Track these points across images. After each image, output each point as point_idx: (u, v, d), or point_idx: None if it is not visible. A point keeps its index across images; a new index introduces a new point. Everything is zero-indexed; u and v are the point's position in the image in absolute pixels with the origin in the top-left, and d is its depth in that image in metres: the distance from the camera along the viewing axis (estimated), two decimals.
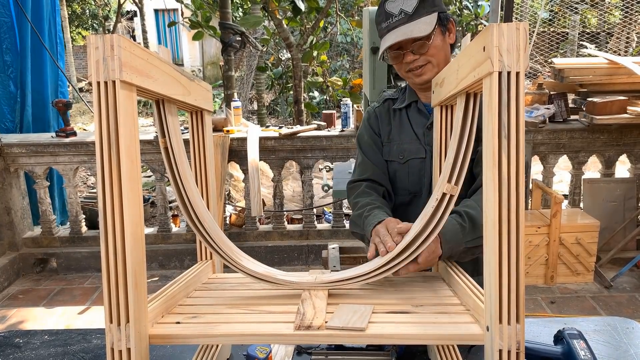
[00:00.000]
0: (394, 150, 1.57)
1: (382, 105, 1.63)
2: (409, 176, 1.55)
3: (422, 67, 1.44)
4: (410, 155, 1.54)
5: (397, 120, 1.58)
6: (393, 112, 1.60)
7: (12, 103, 4.10)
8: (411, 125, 1.56)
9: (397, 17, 1.40)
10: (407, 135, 1.55)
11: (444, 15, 1.44)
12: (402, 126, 1.57)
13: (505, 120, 0.84)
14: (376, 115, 1.62)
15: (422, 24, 1.38)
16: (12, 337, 1.56)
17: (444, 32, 1.45)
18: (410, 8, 1.39)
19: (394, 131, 1.58)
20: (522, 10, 7.96)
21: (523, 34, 0.83)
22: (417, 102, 1.56)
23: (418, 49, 1.41)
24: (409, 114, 1.57)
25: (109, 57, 0.84)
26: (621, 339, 1.45)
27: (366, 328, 0.96)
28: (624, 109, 3.53)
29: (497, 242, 0.85)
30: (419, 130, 1.54)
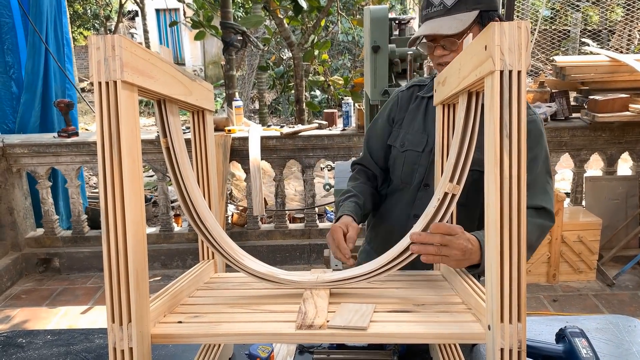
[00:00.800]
0: (399, 137, 1.56)
1: (407, 90, 1.61)
2: (404, 166, 1.54)
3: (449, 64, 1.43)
4: (409, 146, 1.53)
5: (415, 107, 1.55)
6: (415, 98, 1.57)
7: (14, 104, 4.10)
8: (425, 116, 1.52)
9: (436, 7, 1.35)
10: (416, 125, 1.53)
11: (488, 14, 1.35)
12: (416, 115, 1.54)
13: (506, 119, 0.84)
14: (398, 99, 1.61)
15: (456, 20, 1.32)
16: (15, 337, 1.56)
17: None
18: (450, 1, 1.33)
19: (407, 118, 1.56)
20: (524, 8, 7.95)
21: (524, 33, 0.83)
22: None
23: (448, 46, 1.37)
24: (429, 104, 1.52)
25: (110, 58, 0.84)
26: (623, 337, 1.45)
27: (368, 327, 0.96)
28: (626, 106, 3.53)
29: (499, 241, 0.85)
30: (432, 124, 1.47)
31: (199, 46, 16.30)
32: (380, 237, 1.68)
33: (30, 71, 4.01)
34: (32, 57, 3.99)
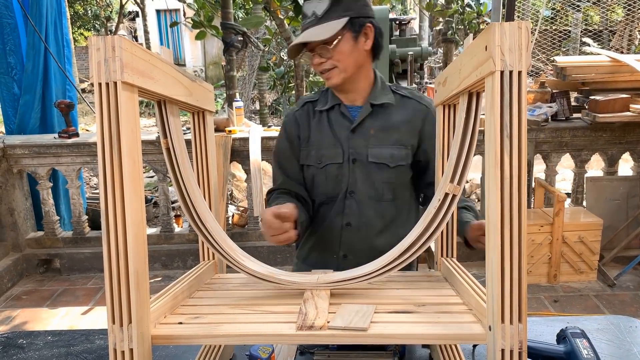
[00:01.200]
0: (312, 155, 1.55)
1: (301, 109, 1.60)
2: (327, 181, 1.55)
3: (329, 71, 1.44)
4: (327, 161, 1.53)
5: (317, 123, 1.56)
6: (313, 114, 1.57)
7: (16, 105, 4.10)
8: (332, 129, 1.53)
9: (310, 18, 1.40)
10: (327, 139, 1.53)
11: (359, 20, 1.42)
12: (322, 130, 1.54)
13: (507, 120, 0.84)
14: (295, 118, 1.59)
15: (326, 28, 1.38)
16: (15, 337, 1.56)
17: (356, 38, 1.42)
18: (320, 11, 1.39)
19: (313, 134, 1.55)
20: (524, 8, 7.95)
21: (525, 33, 0.82)
22: (340, 105, 1.54)
23: (323, 53, 1.41)
24: (331, 116, 1.54)
25: (111, 59, 0.84)
26: (624, 337, 1.45)
27: (368, 328, 0.96)
28: (627, 106, 3.53)
29: (500, 242, 0.85)
30: (341, 133, 1.52)
31: (200, 47, 16.31)
32: (315, 253, 1.67)
33: (30, 72, 4.01)
34: (32, 58, 3.99)
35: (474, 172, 5.42)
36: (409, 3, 12.67)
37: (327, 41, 1.38)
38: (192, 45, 17.06)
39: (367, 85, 1.53)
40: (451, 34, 5.96)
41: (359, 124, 1.51)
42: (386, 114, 1.52)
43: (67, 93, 4.32)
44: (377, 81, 1.55)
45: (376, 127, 1.51)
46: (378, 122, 1.52)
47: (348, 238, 1.56)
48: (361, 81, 1.51)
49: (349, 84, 1.49)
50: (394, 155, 1.51)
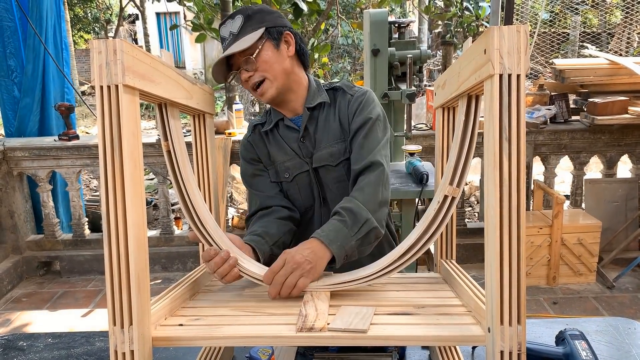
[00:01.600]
0: (278, 171, 1.55)
1: (253, 133, 1.60)
2: (300, 191, 1.55)
3: (261, 85, 1.43)
4: (295, 172, 1.53)
5: (272, 142, 1.56)
6: (265, 135, 1.57)
7: (16, 108, 4.11)
8: (286, 142, 1.54)
9: (228, 39, 1.41)
10: (285, 153, 1.54)
11: (276, 29, 1.43)
12: (279, 146, 1.55)
13: (506, 123, 0.84)
14: (250, 144, 1.59)
15: (244, 40, 1.38)
16: (15, 340, 1.56)
17: (277, 45, 1.43)
18: (235, 28, 1.40)
19: (272, 153, 1.55)
20: (523, 11, 7.97)
21: (523, 37, 0.83)
22: (284, 120, 1.54)
23: (248, 65, 1.41)
24: (280, 132, 1.55)
25: (112, 62, 0.85)
26: (623, 339, 1.45)
27: (368, 330, 0.96)
28: (625, 109, 3.53)
29: (498, 244, 0.85)
30: (293, 145, 1.53)
31: (199, 49, 16.33)
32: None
33: (30, 75, 4.02)
34: (31, 60, 4.00)
35: (474, 175, 5.43)
36: (408, 6, 12.70)
37: (249, 52, 1.39)
38: (192, 48, 17.08)
39: (302, 92, 1.53)
40: (450, 36, 5.98)
41: (305, 131, 1.51)
42: (323, 114, 1.53)
43: (65, 96, 4.32)
44: (311, 85, 1.55)
45: (315, 129, 1.52)
46: (315, 124, 1.52)
47: None
48: (295, 89, 1.51)
49: (284, 94, 1.48)
50: (333, 153, 1.50)
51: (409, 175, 2.84)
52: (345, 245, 1.24)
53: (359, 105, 1.49)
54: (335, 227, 1.26)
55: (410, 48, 3.03)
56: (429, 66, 10.23)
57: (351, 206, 1.31)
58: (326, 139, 1.50)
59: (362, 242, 1.29)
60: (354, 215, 1.29)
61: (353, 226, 1.27)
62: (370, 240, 1.33)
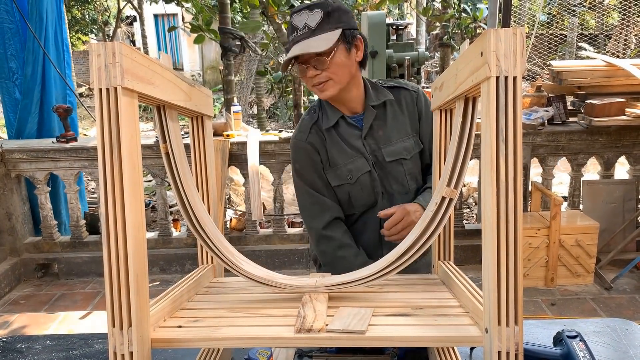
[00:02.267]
0: (340, 174, 1.56)
1: (311, 134, 1.58)
2: (363, 192, 1.57)
3: (324, 84, 1.44)
4: (358, 173, 1.55)
5: (330, 141, 1.56)
6: (323, 135, 1.57)
7: (17, 110, 4.11)
8: (347, 141, 1.55)
9: (301, 30, 1.40)
10: (346, 154, 1.55)
11: (351, 32, 1.44)
12: (339, 146, 1.55)
13: (503, 124, 0.85)
14: (312, 146, 1.57)
15: (322, 39, 1.39)
16: (14, 342, 1.56)
17: (349, 49, 1.45)
18: (313, 23, 1.39)
19: (332, 154, 1.56)
20: (521, 13, 7.99)
21: (520, 39, 0.84)
22: (344, 117, 1.56)
23: (319, 65, 1.42)
24: (340, 130, 1.56)
25: (111, 65, 0.85)
26: (620, 340, 1.46)
27: (366, 331, 0.97)
28: (623, 110, 3.54)
29: (496, 245, 0.86)
30: (356, 142, 1.55)
31: (197, 51, 16.34)
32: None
33: (30, 77, 4.02)
34: (30, 63, 4.00)
35: (472, 176, 5.43)
36: (405, 8, 12.72)
37: (324, 53, 1.39)
38: (190, 50, 17.09)
39: (360, 91, 1.56)
40: (448, 38, 5.99)
41: (369, 129, 1.55)
42: (386, 111, 1.57)
43: (67, 98, 4.33)
44: (367, 85, 1.58)
45: (382, 126, 1.56)
46: (382, 121, 1.56)
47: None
48: (354, 90, 1.54)
49: (344, 94, 1.51)
50: (407, 147, 1.57)
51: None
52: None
53: (426, 102, 1.60)
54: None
55: (408, 50, 3.04)
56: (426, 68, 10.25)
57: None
58: (397, 134, 1.56)
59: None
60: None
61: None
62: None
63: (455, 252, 1.36)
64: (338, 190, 1.58)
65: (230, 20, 4.55)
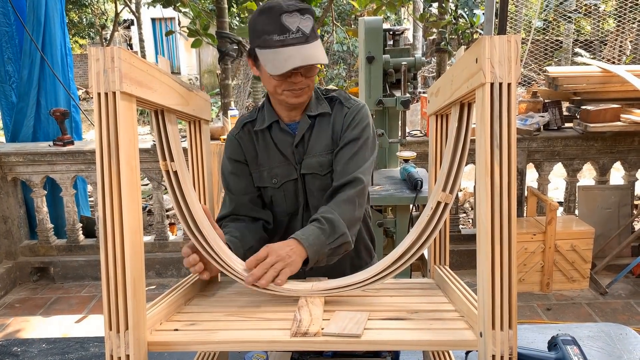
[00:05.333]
0: (265, 176, 1.53)
1: (241, 131, 1.55)
2: (286, 199, 1.53)
3: (302, 90, 1.42)
4: (283, 179, 1.51)
5: (262, 142, 1.54)
6: (255, 135, 1.54)
7: (13, 113, 4.11)
8: (277, 147, 1.52)
9: (295, 34, 1.34)
10: (275, 157, 1.52)
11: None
12: (268, 148, 1.53)
13: (497, 130, 0.86)
14: (237, 141, 1.54)
15: (319, 49, 1.37)
16: (10, 345, 1.56)
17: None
18: (307, 29, 1.36)
19: (261, 155, 1.53)
20: (517, 19, 8.03)
21: (514, 46, 0.85)
22: (279, 122, 1.52)
23: (308, 73, 1.40)
24: (272, 134, 1.52)
25: (110, 69, 0.86)
26: (615, 345, 1.47)
27: (362, 334, 0.97)
28: (618, 116, 3.57)
29: (490, 250, 0.86)
30: (286, 150, 1.51)
31: (195, 55, 16.34)
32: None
33: (26, 80, 4.02)
34: (27, 66, 4.00)
35: (468, 181, 5.45)
36: (402, 13, 12.77)
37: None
38: (187, 54, 17.09)
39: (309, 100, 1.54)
40: (444, 44, 6.02)
41: (301, 138, 1.51)
42: (320, 123, 1.52)
43: (71, 101, 4.33)
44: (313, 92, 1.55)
45: (312, 137, 1.52)
46: (314, 132, 1.52)
47: None
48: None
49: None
50: (322, 163, 1.50)
51: (404, 181, 2.85)
52: (320, 251, 1.28)
53: (353, 120, 1.49)
54: (315, 233, 1.29)
55: (404, 55, 3.05)
56: (423, 73, 10.28)
57: (332, 217, 1.33)
58: (318, 147, 1.50)
59: (333, 252, 1.33)
60: (333, 226, 1.31)
61: (330, 236, 1.30)
62: (340, 252, 1.36)
63: (451, 257, 1.36)
64: (262, 192, 1.55)
65: (228, 24, 4.56)
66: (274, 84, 1.40)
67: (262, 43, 1.36)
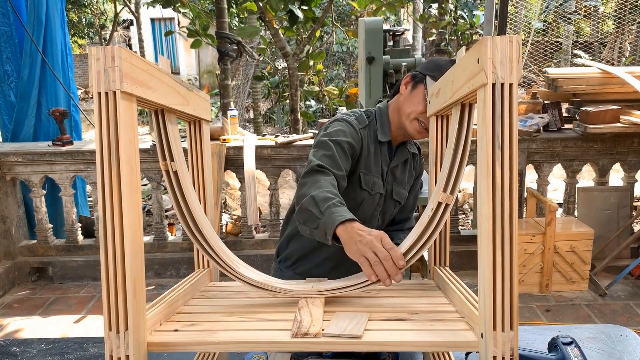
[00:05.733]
0: (368, 180, 1.59)
1: (364, 129, 1.58)
2: (371, 207, 1.62)
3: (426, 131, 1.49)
4: (376, 190, 1.60)
5: (372, 150, 1.59)
6: (371, 140, 1.59)
7: (12, 113, 4.11)
8: (381, 161, 1.61)
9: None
10: (377, 169, 1.60)
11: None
12: (375, 159, 1.60)
13: (498, 131, 0.85)
14: (361, 136, 1.55)
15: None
16: (8, 346, 1.56)
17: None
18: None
19: (369, 161, 1.59)
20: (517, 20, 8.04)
21: (516, 46, 0.85)
22: (390, 143, 1.63)
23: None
24: (382, 149, 1.61)
25: (110, 69, 0.86)
26: (615, 346, 1.46)
27: (362, 335, 0.97)
28: (617, 118, 3.57)
29: (491, 251, 0.86)
30: (385, 167, 1.62)
31: (194, 55, 16.35)
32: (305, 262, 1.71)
33: (27, 80, 4.02)
34: (28, 65, 4.00)
35: (467, 182, 5.45)
36: (402, 14, 12.78)
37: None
38: (187, 54, 17.09)
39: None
40: (444, 45, 6.02)
41: (395, 166, 1.64)
42: (408, 160, 1.69)
43: (71, 101, 4.33)
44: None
45: (402, 168, 1.67)
46: (403, 165, 1.67)
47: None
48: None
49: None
50: (404, 196, 1.70)
51: None
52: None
53: (422, 168, 1.77)
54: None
55: (404, 56, 3.05)
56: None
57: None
58: (405, 181, 1.69)
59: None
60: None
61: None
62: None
63: (451, 258, 1.36)
64: (358, 193, 1.59)
65: (227, 25, 4.56)
66: (417, 109, 1.50)
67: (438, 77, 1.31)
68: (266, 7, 4.32)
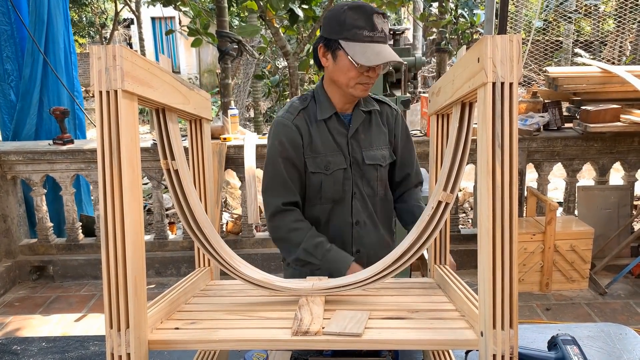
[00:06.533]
0: (318, 162, 1.60)
1: (298, 117, 1.61)
2: (334, 185, 1.62)
3: (369, 85, 1.54)
4: (335, 167, 1.61)
5: (317, 130, 1.60)
6: (311, 122, 1.61)
7: (12, 112, 4.11)
8: (333, 136, 1.61)
9: (379, 33, 1.46)
10: (329, 146, 1.61)
11: None
12: (323, 137, 1.61)
13: (499, 130, 0.86)
14: (296, 127, 1.59)
15: (392, 50, 1.49)
16: (10, 344, 1.56)
17: None
18: (387, 31, 1.49)
19: (316, 143, 1.60)
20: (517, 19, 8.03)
21: (516, 46, 0.85)
22: (337, 114, 1.62)
23: (379, 70, 1.52)
24: (329, 124, 1.61)
25: (111, 67, 0.86)
26: (614, 345, 1.47)
27: (363, 333, 0.97)
28: (617, 117, 3.57)
29: (491, 250, 0.86)
30: (341, 140, 1.62)
31: (194, 54, 16.34)
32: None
33: (28, 79, 4.02)
34: (29, 64, 4.00)
35: (468, 181, 5.45)
36: (403, 13, 12.77)
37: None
38: (187, 53, 17.09)
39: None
40: (444, 43, 6.02)
41: (355, 131, 1.63)
42: (371, 119, 1.66)
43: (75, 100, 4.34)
44: None
45: (366, 131, 1.65)
46: (367, 127, 1.65)
47: (358, 234, 1.67)
48: None
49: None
50: (384, 156, 1.67)
51: None
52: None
53: (403, 123, 1.75)
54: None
55: (405, 55, 3.05)
56: (423, 73, 10.29)
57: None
58: (377, 142, 1.66)
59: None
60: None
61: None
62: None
63: (451, 257, 1.36)
64: (312, 177, 1.62)
65: (228, 23, 4.56)
66: (351, 75, 1.49)
67: (350, 36, 1.45)
68: (267, 6, 4.31)
